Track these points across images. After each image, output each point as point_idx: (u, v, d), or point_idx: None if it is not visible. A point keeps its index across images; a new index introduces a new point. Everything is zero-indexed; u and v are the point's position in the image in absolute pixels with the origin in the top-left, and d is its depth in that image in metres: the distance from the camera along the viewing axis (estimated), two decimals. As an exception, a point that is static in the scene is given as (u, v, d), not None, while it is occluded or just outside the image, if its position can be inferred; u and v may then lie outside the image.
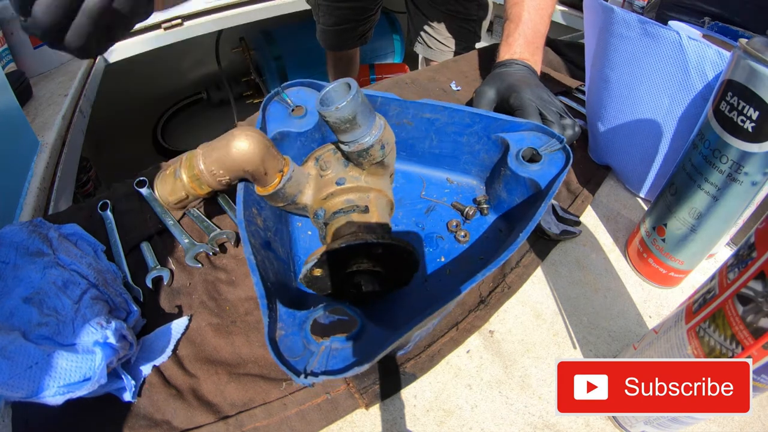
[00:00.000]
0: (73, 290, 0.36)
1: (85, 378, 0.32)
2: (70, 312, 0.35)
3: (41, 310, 0.34)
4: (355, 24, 1.14)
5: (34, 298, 0.35)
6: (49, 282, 0.36)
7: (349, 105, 0.35)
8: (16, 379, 0.31)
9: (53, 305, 0.35)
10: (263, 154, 0.37)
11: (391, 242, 0.36)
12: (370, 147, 0.38)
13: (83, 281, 0.37)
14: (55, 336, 0.34)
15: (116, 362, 0.35)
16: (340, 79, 0.37)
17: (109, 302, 0.38)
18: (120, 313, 0.38)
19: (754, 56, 0.31)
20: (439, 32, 1.10)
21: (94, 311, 0.35)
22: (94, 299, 0.36)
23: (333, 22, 1.13)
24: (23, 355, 0.32)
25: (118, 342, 0.34)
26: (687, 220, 0.39)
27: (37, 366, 0.32)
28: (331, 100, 0.37)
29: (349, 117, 0.36)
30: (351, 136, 0.37)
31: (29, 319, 0.34)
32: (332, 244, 0.35)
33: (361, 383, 0.37)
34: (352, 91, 0.35)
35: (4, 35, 0.88)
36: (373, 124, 0.38)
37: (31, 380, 0.31)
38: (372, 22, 1.18)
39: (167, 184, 0.41)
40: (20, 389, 0.31)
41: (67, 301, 0.35)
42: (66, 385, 0.32)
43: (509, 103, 0.54)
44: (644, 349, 0.33)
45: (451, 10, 1.05)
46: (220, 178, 0.39)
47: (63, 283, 0.37)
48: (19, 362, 0.31)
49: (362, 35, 1.18)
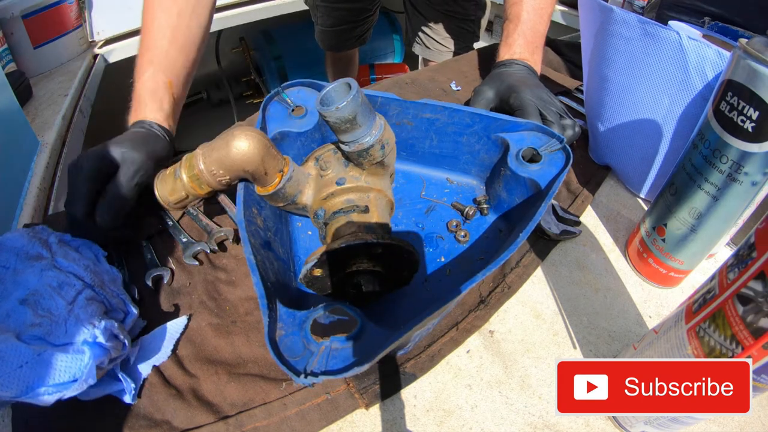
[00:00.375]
0: (67, 291, 0.36)
1: (74, 378, 0.32)
2: (63, 312, 0.35)
3: (35, 311, 0.34)
4: (353, 25, 1.14)
5: (30, 299, 0.35)
6: (44, 284, 0.36)
7: (349, 105, 0.35)
8: (6, 378, 0.31)
9: (47, 306, 0.35)
10: (263, 153, 0.37)
11: (391, 242, 0.36)
12: (370, 147, 0.38)
13: (78, 282, 0.37)
14: (47, 336, 0.34)
15: (108, 363, 0.34)
16: (340, 79, 0.37)
17: (105, 303, 0.38)
18: (117, 314, 0.38)
19: (754, 56, 0.31)
20: (438, 32, 1.10)
21: (88, 312, 0.35)
22: (88, 300, 0.36)
23: (331, 23, 1.13)
24: (14, 354, 0.32)
25: (109, 341, 0.34)
26: (687, 220, 0.39)
27: (27, 365, 0.31)
28: (331, 100, 0.37)
29: (350, 117, 0.36)
30: (351, 136, 0.37)
31: (24, 320, 0.34)
32: (332, 244, 0.35)
33: (361, 383, 0.37)
34: (353, 91, 0.35)
35: (4, 35, 0.88)
36: (373, 124, 0.38)
37: (21, 379, 0.31)
38: (370, 23, 1.18)
39: (167, 184, 0.41)
40: (9, 388, 0.31)
41: (61, 301, 0.35)
42: (55, 385, 0.32)
43: (509, 103, 0.54)
44: (644, 349, 0.33)
45: (449, 11, 1.05)
46: (220, 178, 0.39)
47: (58, 284, 0.37)
48: (10, 361, 0.31)
49: (360, 36, 1.19)
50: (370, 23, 1.18)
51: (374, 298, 0.40)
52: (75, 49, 1.07)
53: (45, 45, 0.97)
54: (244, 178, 0.40)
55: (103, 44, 1.15)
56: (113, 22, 1.16)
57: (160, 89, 0.52)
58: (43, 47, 0.97)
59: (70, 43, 1.04)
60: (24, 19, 0.91)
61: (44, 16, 0.95)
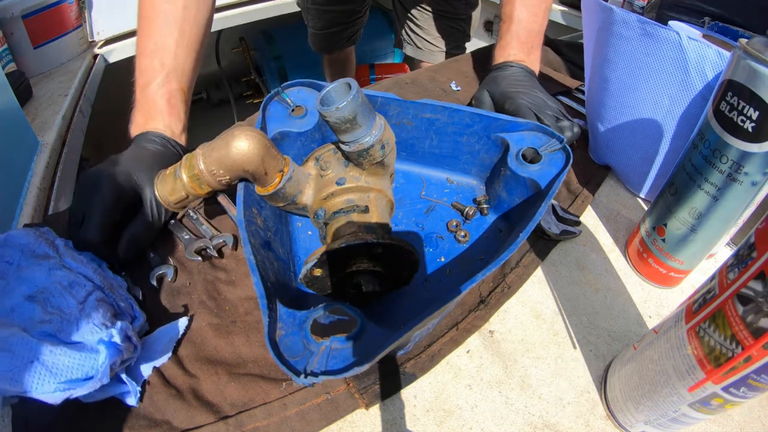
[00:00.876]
0: (78, 291, 0.36)
1: (87, 376, 0.32)
2: (74, 311, 0.35)
3: (45, 308, 0.34)
4: (343, 27, 1.14)
5: (38, 296, 0.35)
6: (54, 282, 0.36)
7: (349, 105, 0.35)
8: (16, 372, 0.31)
9: (57, 304, 0.35)
10: (263, 154, 0.37)
11: (391, 242, 0.36)
12: (370, 147, 0.38)
13: (89, 283, 0.37)
14: (58, 333, 0.34)
15: (119, 364, 0.35)
16: (340, 79, 0.37)
17: (114, 306, 0.38)
18: (125, 317, 0.38)
19: (754, 56, 0.31)
20: (428, 32, 1.10)
21: (99, 312, 0.35)
22: (99, 301, 0.36)
23: (321, 25, 1.13)
24: (25, 348, 0.31)
25: (123, 342, 0.34)
26: (687, 220, 0.39)
27: (38, 360, 0.31)
28: (331, 100, 0.37)
29: (350, 117, 0.36)
30: (351, 136, 0.37)
31: (31, 316, 0.34)
32: (332, 244, 0.35)
33: (361, 383, 0.37)
34: (353, 91, 0.35)
35: (4, 35, 0.88)
36: (373, 124, 0.38)
37: (32, 374, 0.31)
38: (360, 24, 1.18)
39: (167, 184, 0.41)
40: (19, 383, 0.31)
41: (72, 300, 0.35)
42: (67, 382, 0.32)
43: (504, 109, 0.54)
44: (644, 349, 0.33)
45: (439, 10, 1.05)
46: (220, 178, 0.39)
47: (68, 283, 0.36)
48: (21, 355, 0.31)
49: (351, 37, 1.18)
50: (360, 24, 1.18)
51: (374, 298, 0.40)
52: (75, 49, 1.07)
53: (45, 45, 0.97)
54: (244, 178, 0.40)
55: (103, 44, 1.15)
56: (113, 22, 1.16)
57: (175, 98, 0.50)
58: (43, 47, 0.97)
59: (70, 43, 1.04)
60: (24, 19, 0.91)
61: (44, 16, 0.95)
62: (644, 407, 0.32)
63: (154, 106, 0.49)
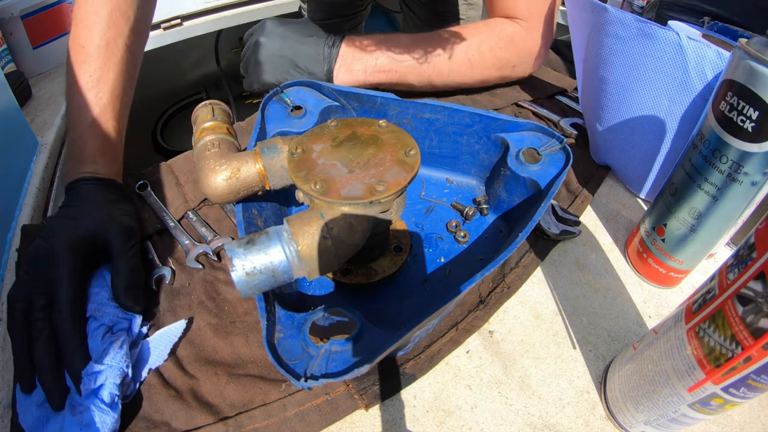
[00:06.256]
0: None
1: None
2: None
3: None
4: (344, 18, 1.13)
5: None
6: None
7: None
8: None
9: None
10: (231, 188, 0.37)
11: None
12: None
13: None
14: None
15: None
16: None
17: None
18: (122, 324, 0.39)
19: (754, 56, 0.31)
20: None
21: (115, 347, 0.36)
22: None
23: (321, 16, 1.12)
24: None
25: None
26: (687, 220, 0.39)
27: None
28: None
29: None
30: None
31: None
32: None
33: (360, 384, 0.37)
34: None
35: (3, 35, 0.88)
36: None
37: None
38: (361, 18, 1.17)
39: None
40: None
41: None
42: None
43: None
44: (644, 350, 0.33)
45: (441, 11, 1.05)
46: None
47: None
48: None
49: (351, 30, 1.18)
50: (362, 17, 1.17)
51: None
52: (74, 49, 1.06)
53: (44, 45, 0.97)
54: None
55: (103, 44, 1.15)
56: (112, 22, 1.15)
57: (112, 134, 0.47)
58: (43, 47, 0.96)
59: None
60: (23, 19, 0.91)
61: (44, 16, 0.95)
62: (644, 407, 0.32)
63: (91, 146, 0.46)
